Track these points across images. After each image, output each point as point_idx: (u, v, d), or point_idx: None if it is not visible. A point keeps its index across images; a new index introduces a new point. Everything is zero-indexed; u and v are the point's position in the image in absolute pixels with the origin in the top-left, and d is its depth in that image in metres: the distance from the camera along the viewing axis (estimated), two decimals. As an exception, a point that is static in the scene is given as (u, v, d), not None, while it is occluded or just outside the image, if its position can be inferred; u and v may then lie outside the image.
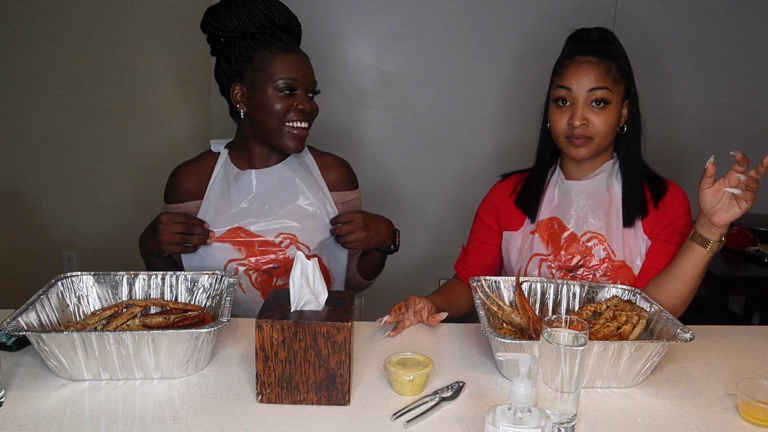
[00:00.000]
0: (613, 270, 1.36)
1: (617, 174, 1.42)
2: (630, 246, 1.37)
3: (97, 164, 2.94)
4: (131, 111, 2.89)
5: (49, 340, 0.98)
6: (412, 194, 3.02)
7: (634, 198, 1.38)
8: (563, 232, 1.40)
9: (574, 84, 1.31)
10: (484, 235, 1.54)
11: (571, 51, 1.37)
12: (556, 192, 1.45)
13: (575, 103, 1.32)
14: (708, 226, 1.20)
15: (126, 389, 1.02)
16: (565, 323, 0.93)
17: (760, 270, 2.36)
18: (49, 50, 2.81)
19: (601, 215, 1.39)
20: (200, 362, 1.08)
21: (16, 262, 3.01)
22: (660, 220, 1.38)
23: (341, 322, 0.96)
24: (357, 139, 2.93)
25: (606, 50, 1.34)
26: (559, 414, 0.91)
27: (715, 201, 1.17)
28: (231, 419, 0.94)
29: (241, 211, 1.42)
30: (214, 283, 1.24)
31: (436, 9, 2.85)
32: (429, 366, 1.04)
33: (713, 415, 1.01)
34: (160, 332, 0.99)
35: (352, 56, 2.88)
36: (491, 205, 1.53)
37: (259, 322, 0.96)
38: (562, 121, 1.34)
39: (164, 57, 2.85)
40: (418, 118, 2.96)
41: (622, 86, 1.34)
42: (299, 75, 1.37)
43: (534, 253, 1.42)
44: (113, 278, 1.23)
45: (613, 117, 1.33)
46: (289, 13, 1.40)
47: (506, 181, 1.54)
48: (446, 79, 2.92)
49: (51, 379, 1.04)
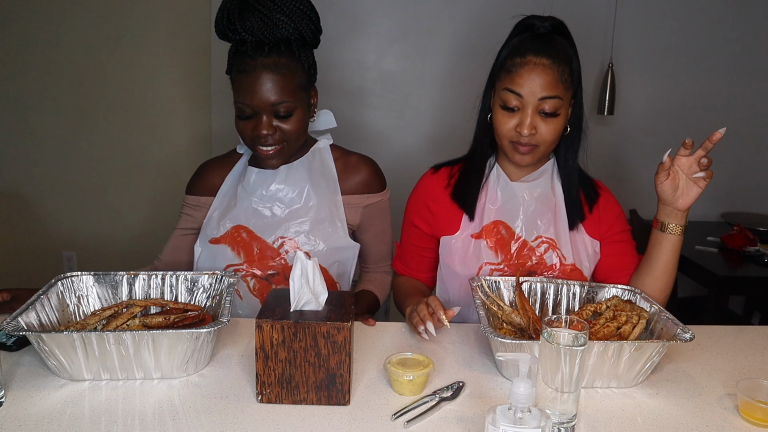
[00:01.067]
0: (564, 275, 1.35)
1: (557, 175, 1.40)
2: (578, 248, 1.37)
3: (97, 164, 2.94)
4: (132, 111, 2.89)
5: (49, 340, 0.98)
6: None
7: (575, 201, 1.38)
8: (512, 238, 1.37)
9: (525, 90, 1.25)
10: (418, 240, 1.46)
11: (522, 47, 1.28)
12: (500, 193, 1.38)
13: (524, 110, 1.27)
14: (674, 213, 1.23)
15: (126, 389, 1.01)
16: (565, 323, 0.93)
17: (760, 270, 2.36)
18: (50, 50, 2.81)
19: (549, 218, 1.37)
20: (200, 362, 1.07)
21: (16, 262, 3.01)
22: (602, 222, 1.40)
23: (341, 322, 0.96)
24: (357, 139, 2.93)
25: (560, 49, 1.27)
26: (559, 414, 0.91)
27: (674, 189, 1.20)
28: (231, 419, 0.94)
29: (245, 209, 1.41)
30: (214, 283, 1.24)
31: (436, 9, 2.85)
32: (429, 366, 1.04)
33: (713, 415, 1.01)
34: (160, 332, 0.99)
35: (352, 56, 2.88)
36: (423, 206, 1.44)
37: (259, 322, 0.96)
38: (508, 125, 1.29)
39: (165, 57, 2.84)
40: (418, 118, 2.96)
41: (572, 90, 1.30)
42: (254, 99, 1.28)
43: (484, 261, 1.37)
44: (113, 278, 1.23)
45: (562, 124, 1.30)
46: (262, 24, 1.26)
47: (438, 173, 1.46)
48: (446, 79, 2.92)
49: (51, 379, 1.04)
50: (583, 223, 1.39)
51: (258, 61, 1.27)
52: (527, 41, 1.29)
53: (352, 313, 1.02)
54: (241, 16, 1.27)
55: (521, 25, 1.34)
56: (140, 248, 2.98)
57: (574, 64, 1.30)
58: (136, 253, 2.96)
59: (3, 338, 1.15)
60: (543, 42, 1.28)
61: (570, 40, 1.33)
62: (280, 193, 1.42)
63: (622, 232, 1.41)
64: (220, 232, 1.41)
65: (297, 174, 1.43)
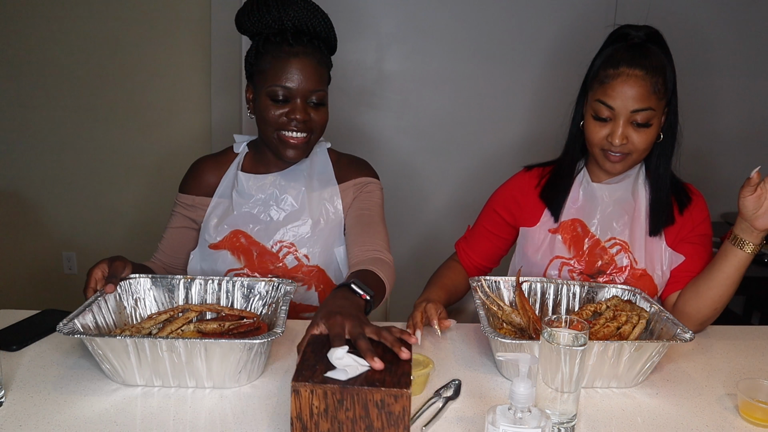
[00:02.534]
0: (634, 279, 1.35)
1: (644, 179, 1.39)
2: (652, 255, 1.36)
3: (97, 164, 2.94)
4: (131, 111, 2.89)
5: (103, 344, 0.97)
6: (413, 194, 3.02)
7: (662, 207, 1.36)
8: (586, 236, 1.38)
9: (617, 102, 1.26)
10: (494, 226, 1.49)
11: (615, 58, 1.28)
12: (581, 193, 1.41)
13: (616, 120, 1.28)
14: (750, 231, 1.22)
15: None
16: (565, 323, 0.93)
17: (760, 270, 2.36)
18: (50, 50, 2.80)
19: (626, 221, 1.37)
20: (253, 373, 1.05)
21: (16, 262, 3.00)
22: (684, 226, 1.38)
23: (399, 388, 0.78)
24: (357, 139, 2.93)
25: (654, 59, 1.27)
26: (559, 414, 0.91)
27: (757, 207, 1.18)
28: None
29: (242, 214, 1.41)
30: (270, 290, 1.22)
31: (436, 9, 2.84)
32: (429, 366, 1.04)
33: (713, 415, 1.01)
34: (213, 341, 0.96)
35: (352, 56, 2.88)
36: (510, 198, 1.47)
37: (295, 385, 0.79)
38: (600, 135, 1.30)
39: (165, 57, 2.84)
40: (419, 118, 2.96)
41: (665, 100, 1.30)
42: (294, 82, 1.31)
43: (555, 255, 1.39)
44: (170, 282, 1.23)
45: (654, 134, 1.29)
46: (304, 15, 1.33)
47: (531, 173, 1.48)
48: (446, 79, 2.91)
49: (105, 383, 1.03)
50: (668, 231, 1.37)
51: (298, 48, 1.32)
52: (620, 51, 1.29)
53: (410, 372, 0.84)
54: (283, 6, 1.32)
55: (615, 34, 1.35)
56: (140, 248, 2.96)
57: (668, 73, 1.29)
58: (136, 253, 2.92)
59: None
60: (636, 52, 1.28)
61: (665, 48, 1.32)
62: (277, 198, 1.41)
63: (702, 236, 1.39)
64: (218, 237, 1.40)
65: (294, 178, 1.43)
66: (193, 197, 1.47)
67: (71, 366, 1.09)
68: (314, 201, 1.42)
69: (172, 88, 2.86)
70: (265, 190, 1.42)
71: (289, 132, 1.33)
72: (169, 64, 2.84)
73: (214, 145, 2.82)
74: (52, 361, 1.11)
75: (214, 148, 2.78)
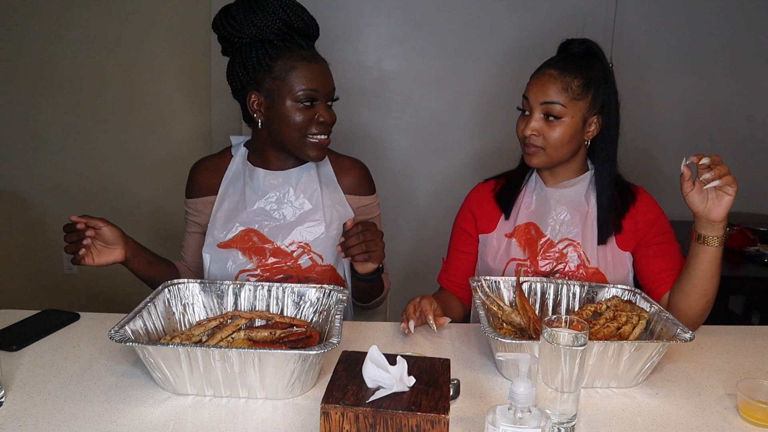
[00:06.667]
0: (587, 276, 1.38)
1: (594, 185, 1.43)
2: (606, 258, 1.39)
3: (98, 164, 2.94)
4: (132, 111, 2.89)
5: (155, 353, 0.96)
6: (413, 195, 3.02)
7: (607, 216, 1.39)
8: (540, 238, 1.42)
9: (531, 95, 1.36)
10: (465, 245, 1.53)
11: (546, 61, 1.40)
12: (534, 197, 1.46)
13: (531, 113, 1.36)
14: (710, 225, 1.21)
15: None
16: (565, 323, 0.93)
17: (760, 270, 2.36)
18: (50, 50, 2.80)
19: (578, 223, 1.41)
20: (307, 384, 1.02)
21: (16, 262, 3.01)
22: (637, 229, 1.40)
23: (437, 413, 0.74)
24: (357, 139, 2.93)
25: (573, 64, 1.35)
26: (559, 414, 0.91)
27: (703, 200, 1.19)
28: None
29: (255, 211, 1.40)
30: (321, 297, 1.20)
31: (436, 9, 2.84)
32: (429, 366, 1.04)
33: (713, 415, 1.01)
34: (267, 351, 0.94)
35: (352, 56, 2.88)
36: (468, 212, 1.54)
37: (325, 407, 0.75)
38: (520, 128, 1.40)
39: (165, 57, 2.84)
40: (418, 118, 2.96)
41: (584, 101, 1.34)
42: (320, 85, 1.33)
43: (511, 257, 1.43)
44: (219, 287, 1.22)
45: (567, 131, 1.34)
46: (307, 16, 1.34)
47: (486, 184, 1.56)
48: (446, 79, 2.91)
49: (156, 391, 1.02)
50: (618, 236, 1.40)
51: (314, 51, 1.36)
52: (551, 58, 1.41)
53: (449, 395, 0.80)
54: (283, 6, 1.32)
55: (561, 46, 1.45)
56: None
57: (590, 77, 1.34)
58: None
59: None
60: (561, 57, 1.39)
61: (599, 58, 1.39)
62: (291, 196, 1.41)
63: (662, 234, 1.40)
64: (228, 236, 1.39)
65: (307, 177, 1.43)
66: (196, 200, 1.47)
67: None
68: (326, 202, 1.43)
69: (173, 88, 2.87)
70: (280, 189, 1.42)
71: (317, 134, 1.35)
72: (169, 64, 2.84)
73: (213, 145, 2.82)
74: (53, 362, 1.11)
75: (214, 148, 2.78)
